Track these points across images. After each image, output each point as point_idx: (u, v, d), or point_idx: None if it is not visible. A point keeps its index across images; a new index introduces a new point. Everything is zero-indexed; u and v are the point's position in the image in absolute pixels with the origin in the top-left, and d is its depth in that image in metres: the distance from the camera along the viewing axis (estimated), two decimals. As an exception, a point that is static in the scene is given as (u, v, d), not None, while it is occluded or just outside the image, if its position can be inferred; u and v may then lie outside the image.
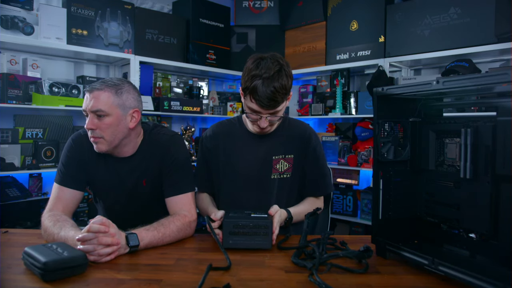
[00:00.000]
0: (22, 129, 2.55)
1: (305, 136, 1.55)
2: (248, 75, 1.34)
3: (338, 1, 3.11)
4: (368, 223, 2.89)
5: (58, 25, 2.55)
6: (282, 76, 1.33)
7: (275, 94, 1.32)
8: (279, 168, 1.52)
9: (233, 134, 1.56)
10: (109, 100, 1.33)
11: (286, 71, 1.35)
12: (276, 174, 1.52)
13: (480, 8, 2.33)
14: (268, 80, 1.31)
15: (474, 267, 0.88)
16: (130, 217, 1.37)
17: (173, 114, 3.20)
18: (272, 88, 1.31)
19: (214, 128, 1.61)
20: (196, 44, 3.24)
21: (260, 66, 1.33)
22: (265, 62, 1.34)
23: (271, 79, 1.31)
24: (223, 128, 1.59)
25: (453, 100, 1.18)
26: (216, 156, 1.56)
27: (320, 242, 1.19)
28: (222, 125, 1.61)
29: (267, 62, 1.34)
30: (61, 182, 1.40)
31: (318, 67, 3.25)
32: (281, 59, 1.37)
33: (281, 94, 1.34)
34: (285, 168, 1.53)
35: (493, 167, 0.93)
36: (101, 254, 1.07)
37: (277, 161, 1.52)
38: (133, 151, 1.44)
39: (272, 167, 1.52)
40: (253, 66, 1.34)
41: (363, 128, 2.99)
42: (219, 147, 1.55)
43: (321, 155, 1.58)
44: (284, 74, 1.34)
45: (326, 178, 1.60)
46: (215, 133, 1.58)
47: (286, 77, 1.35)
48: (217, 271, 1.02)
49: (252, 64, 1.36)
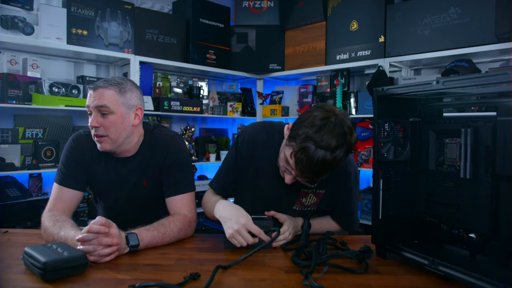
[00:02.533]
0: (22, 129, 2.55)
1: (344, 174, 1.37)
2: (305, 130, 1.11)
3: (338, 1, 3.11)
4: (368, 223, 2.88)
5: (58, 25, 2.55)
6: (341, 151, 1.11)
7: (321, 168, 1.12)
8: (305, 201, 1.39)
9: (269, 149, 1.37)
10: (113, 98, 1.33)
11: (348, 145, 1.12)
12: (299, 206, 1.39)
13: (480, 8, 2.33)
14: (322, 150, 1.08)
15: (474, 267, 0.88)
16: (130, 217, 1.37)
17: (173, 114, 3.20)
18: (321, 162, 1.09)
19: (255, 135, 1.42)
20: (196, 44, 3.24)
21: (323, 130, 1.09)
22: (331, 127, 1.10)
23: (327, 151, 1.09)
24: (262, 138, 1.41)
25: (453, 100, 1.18)
26: (247, 166, 1.42)
27: (320, 242, 1.19)
28: (263, 132, 1.42)
29: (334, 128, 1.10)
30: (61, 182, 1.40)
31: (318, 67, 3.25)
32: (349, 128, 1.12)
33: (327, 170, 1.14)
34: (312, 202, 1.40)
35: (493, 167, 0.93)
36: (102, 255, 1.07)
37: (305, 195, 1.38)
38: (134, 151, 1.44)
39: (298, 199, 1.38)
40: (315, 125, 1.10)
41: (363, 128, 2.99)
42: (252, 158, 1.41)
43: (355, 195, 1.44)
44: (344, 149, 1.11)
45: (353, 217, 1.48)
46: (253, 142, 1.41)
47: (344, 153, 1.12)
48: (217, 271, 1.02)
49: (316, 120, 1.11)
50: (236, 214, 1.18)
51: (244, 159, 1.42)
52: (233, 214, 1.19)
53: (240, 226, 1.14)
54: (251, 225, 1.16)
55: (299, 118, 1.18)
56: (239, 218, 1.16)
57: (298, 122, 1.16)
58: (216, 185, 1.47)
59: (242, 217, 1.17)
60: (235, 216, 1.17)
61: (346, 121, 1.13)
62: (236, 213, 1.19)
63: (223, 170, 1.48)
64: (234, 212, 1.19)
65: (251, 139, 1.42)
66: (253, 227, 1.16)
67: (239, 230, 1.15)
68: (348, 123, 1.13)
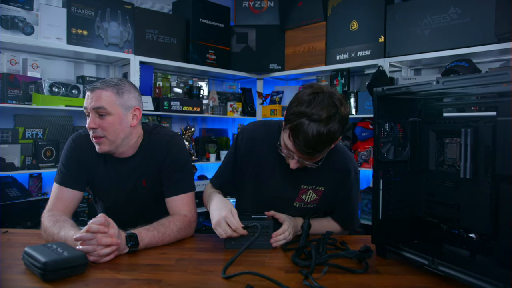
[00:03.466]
0: (22, 129, 2.55)
1: (344, 171, 1.39)
2: (296, 109, 1.14)
3: (338, 1, 3.11)
4: (368, 223, 2.88)
5: (58, 25, 2.55)
6: (334, 123, 1.12)
7: (318, 142, 1.13)
8: (305, 198, 1.40)
9: (268, 144, 1.39)
10: (111, 99, 1.33)
11: (341, 116, 1.14)
12: (299, 203, 1.41)
13: (480, 8, 2.33)
14: (316, 123, 1.10)
15: (474, 267, 0.88)
16: (130, 217, 1.37)
17: (173, 114, 3.20)
18: (317, 135, 1.11)
19: (254, 132, 1.45)
20: (196, 44, 3.24)
21: (313, 103, 1.12)
22: (320, 99, 1.12)
23: (320, 122, 1.10)
24: (261, 134, 1.43)
25: (453, 100, 1.18)
26: (247, 163, 1.44)
27: (320, 242, 1.19)
28: (262, 129, 1.45)
29: (323, 100, 1.12)
30: (61, 182, 1.40)
31: (318, 67, 3.25)
32: (339, 100, 1.15)
33: (325, 144, 1.15)
34: (312, 199, 1.40)
35: (493, 167, 0.93)
36: (101, 255, 1.07)
37: (305, 191, 1.39)
38: (133, 151, 1.44)
39: (298, 195, 1.39)
40: (305, 100, 1.13)
41: (363, 128, 2.99)
42: (252, 155, 1.43)
43: (355, 193, 1.44)
44: (337, 121, 1.13)
45: (354, 216, 1.48)
46: (253, 138, 1.43)
47: (338, 125, 1.13)
48: (218, 271, 1.02)
49: (305, 96, 1.14)
50: (219, 207, 1.22)
51: (243, 156, 1.44)
52: (217, 206, 1.23)
53: (220, 218, 1.18)
54: (230, 218, 1.18)
55: (290, 101, 1.20)
56: (221, 211, 1.20)
57: (289, 104, 1.20)
58: (215, 181, 1.51)
59: (224, 210, 1.20)
60: (218, 209, 1.21)
61: (335, 94, 1.16)
62: (220, 206, 1.22)
63: (222, 167, 1.51)
64: (219, 205, 1.23)
65: (250, 136, 1.45)
66: (231, 220, 1.17)
67: (219, 221, 1.18)
68: (338, 95, 1.16)
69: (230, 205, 1.23)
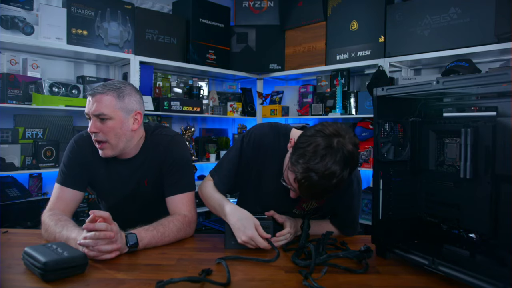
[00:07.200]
0: (22, 129, 2.55)
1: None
2: (308, 160, 1.08)
3: (338, 1, 3.11)
4: (368, 223, 2.88)
5: (58, 25, 2.55)
6: (346, 175, 1.09)
7: (325, 195, 1.14)
8: (305, 206, 1.39)
9: (274, 153, 1.36)
10: (112, 104, 1.32)
11: (351, 167, 1.11)
12: (299, 211, 1.40)
13: (480, 8, 2.33)
14: (324, 180, 1.07)
15: (474, 267, 0.88)
16: (132, 217, 1.37)
17: (173, 114, 3.20)
18: (324, 191, 1.11)
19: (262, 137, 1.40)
20: (196, 44, 3.24)
21: (325, 160, 1.06)
22: (332, 157, 1.07)
23: (329, 179, 1.07)
24: (268, 140, 1.39)
25: (453, 100, 1.18)
26: (251, 168, 1.41)
27: (320, 242, 1.19)
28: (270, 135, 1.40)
29: (336, 157, 1.07)
30: (62, 183, 1.40)
31: (318, 67, 3.25)
32: (352, 156, 1.09)
33: (331, 193, 1.15)
34: (313, 206, 1.40)
35: (493, 167, 0.93)
36: (101, 250, 1.07)
37: (306, 201, 1.36)
38: (135, 152, 1.44)
39: (298, 204, 1.38)
40: (319, 155, 1.07)
41: (363, 128, 2.99)
42: (258, 160, 1.40)
43: (357, 203, 1.43)
44: (348, 172, 1.10)
45: (354, 225, 1.46)
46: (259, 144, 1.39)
47: (348, 174, 1.11)
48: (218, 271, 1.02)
49: (319, 149, 1.08)
50: (244, 225, 1.21)
51: (248, 159, 1.40)
52: (241, 224, 1.22)
53: (246, 239, 1.19)
54: (257, 239, 1.19)
55: (301, 141, 1.13)
56: (247, 231, 1.20)
57: (299, 146, 1.12)
58: (217, 179, 1.43)
59: (249, 230, 1.20)
60: (243, 228, 1.21)
61: (346, 146, 1.08)
62: (243, 224, 1.21)
63: (225, 166, 1.44)
64: (242, 223, 1.22)
65: (258, 140, 1.39)
66: (258, 240, 1.19)
67: (245, 242, 1.20)
68: (349, 147, 1.09)
69: (251, 218, 1.22)
